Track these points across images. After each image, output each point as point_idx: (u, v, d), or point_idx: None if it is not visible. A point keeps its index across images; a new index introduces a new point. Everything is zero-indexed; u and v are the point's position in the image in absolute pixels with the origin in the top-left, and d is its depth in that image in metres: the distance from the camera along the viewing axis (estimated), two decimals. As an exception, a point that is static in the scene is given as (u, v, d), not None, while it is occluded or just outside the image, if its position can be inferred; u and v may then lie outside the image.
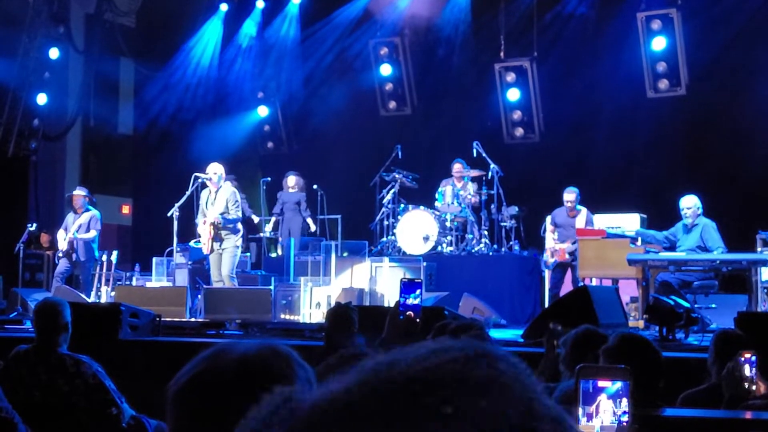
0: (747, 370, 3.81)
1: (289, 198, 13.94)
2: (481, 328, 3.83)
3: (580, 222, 11.43)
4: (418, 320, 3.74)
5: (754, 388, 3.78)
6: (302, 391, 1.34)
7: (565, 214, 11.55)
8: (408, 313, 3.73)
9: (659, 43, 13.65)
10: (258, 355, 1.36)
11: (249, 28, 16.60)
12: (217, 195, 10.87)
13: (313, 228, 13.75)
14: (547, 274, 11.77)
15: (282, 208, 13.95)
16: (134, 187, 17.32)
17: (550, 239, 11.59)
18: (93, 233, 12.14)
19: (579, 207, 11.56)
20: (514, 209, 12.63)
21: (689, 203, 10.15)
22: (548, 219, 11.75)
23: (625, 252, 9.74)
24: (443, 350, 0.81)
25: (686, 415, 3.58)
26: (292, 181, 14.01)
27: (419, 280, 3.77)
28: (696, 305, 9.22)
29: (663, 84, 13.83)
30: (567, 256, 11.32)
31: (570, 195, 11.53)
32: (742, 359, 3.83)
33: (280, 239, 13.88)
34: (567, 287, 11.28)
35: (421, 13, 15.69)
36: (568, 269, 11.44)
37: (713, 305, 9.67)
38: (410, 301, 3.76)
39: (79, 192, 12.38)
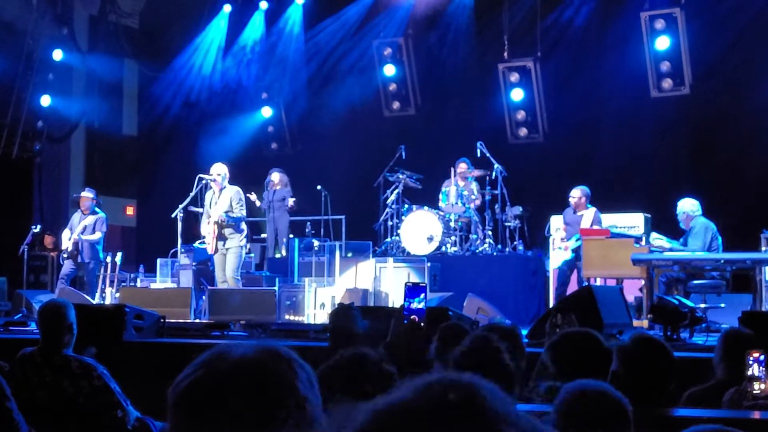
0: (756, 370, 3.80)
1: (273, 196, 13.52)
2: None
3: (585, 220, 11.44)
4: (422, 324, 3.74)
5: (764, 386, 3.78)
6: (304, 391, 1.34)
7: (571, 212, 11.62)
8: (412, 317, 3.73)
9: (663, 43, 13.63)
10: (257, 357, 1.36)
11: (252, 28, 16.60)
12: (221, 195, 10.88)
13: (290, 203, 13.47)
14: (552, 274, 11.78)
15: (269, 207, 13.56)
16: (138, 189, 17.33)
17: (558, 239, 11.63)
18: (98, 235, 12.15)
19: (589, 206, 11.58)
20: (518, 209, 12.61)
21: (678, 208, 10.22)
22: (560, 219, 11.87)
23: (629, 252, 9.72)
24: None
25: (696, 416, 3.58)
26: (276, 177, 13.60)
27: (423, 284, 3.76)
28: (704, 305, 9.21)
29: (667, 83, 13.81)
30: (571, 253, 11.36)
31: (574, 192, 11.61)
32: (751, 359, 3.83)
33: (284, 241, 13.80)
34: (573, 287, 11.26)
35: (425, 14, 15.68)
36: (575, 269, 11.44)
37: (722, 305, 9.66)
38: (414, 305, 3.76)
39: (87, 194, 12.38)
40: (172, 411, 1.35)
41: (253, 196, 13.06)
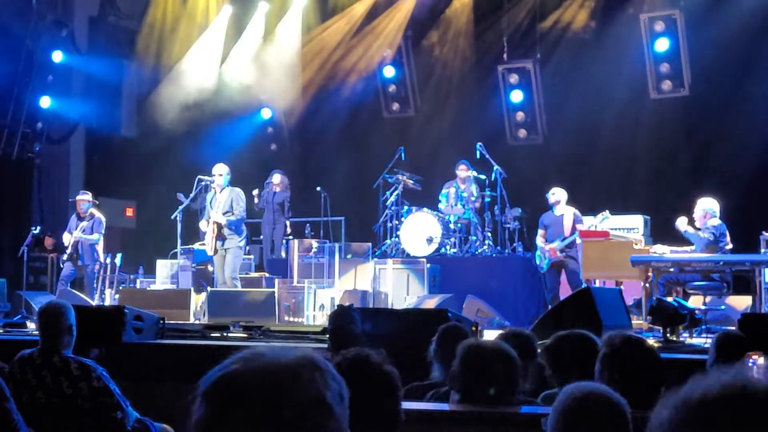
0: (756, 371, 3.80)
1: (273, 198, 13.52)
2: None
3: (567, 219, 11.42)
4: None
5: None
6: (333, 404, 1.33)
7: (551, 214, 11.59)
8: None
9: (662, 45, 13.65)
10: (291, 362, 1.35)
11: (252, 29, 16.59)
12: (222, 194, 10.89)
13: (288, 230, 13.56)
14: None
15: (266, 207, 13.56)
16: (138, 190, 17.30)
17: (540, 242, 11.58)
18: (96, 236, 12.16)
19: (566, 206, 11.56)
20: (517, 211, 12.62)
21: (696, 206, 10.16)
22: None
23: (628, 253, 9.72)
24: None
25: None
26: (277, 179, 13.58)
27: None
28: (705, 306, 9.21)
29: (666, 85, 13.82)
30: (558, 253, 11.31)
31: (553, 189, 11.59)
32: (751, 360, 3.83)
33: (283, 243, 13.78)
34: (564, 288, 11.26)
35: (425, 15, 15.69)
36: (562, 270, 11.41)
37: (723, 306, 9.65)
38: None
39: (83, 197, 12.37)
40: (200, 403, 1.33)
41: (255, 192, 13.16)
